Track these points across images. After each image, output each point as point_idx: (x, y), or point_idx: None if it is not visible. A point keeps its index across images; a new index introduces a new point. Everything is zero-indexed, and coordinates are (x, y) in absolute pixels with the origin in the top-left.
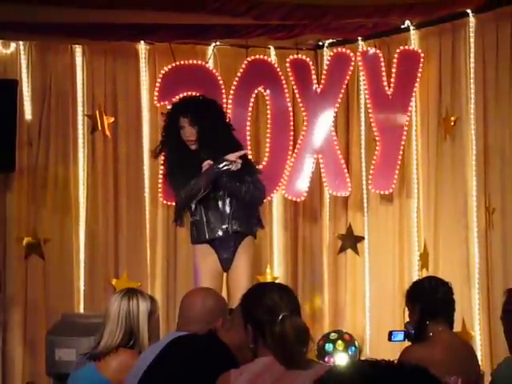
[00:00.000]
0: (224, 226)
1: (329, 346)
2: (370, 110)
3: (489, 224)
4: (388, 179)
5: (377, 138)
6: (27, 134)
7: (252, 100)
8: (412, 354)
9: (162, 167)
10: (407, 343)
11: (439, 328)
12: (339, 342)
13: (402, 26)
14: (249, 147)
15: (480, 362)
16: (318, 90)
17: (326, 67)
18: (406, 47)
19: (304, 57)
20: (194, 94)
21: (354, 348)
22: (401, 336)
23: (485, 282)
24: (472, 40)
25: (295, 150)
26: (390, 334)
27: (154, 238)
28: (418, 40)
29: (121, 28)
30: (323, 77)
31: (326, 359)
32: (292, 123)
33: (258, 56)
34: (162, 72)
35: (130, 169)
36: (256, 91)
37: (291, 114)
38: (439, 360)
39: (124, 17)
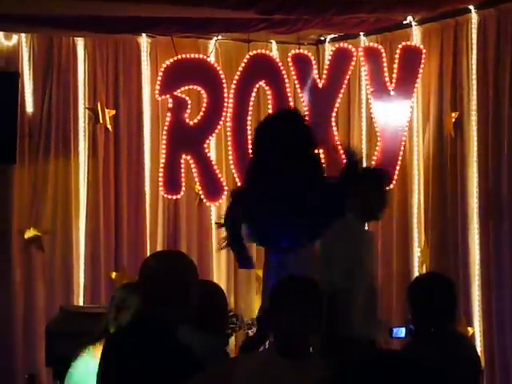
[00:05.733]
0: None
1: None
2: (371, 106)
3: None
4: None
5: (378, 134)
6: (28, 126)
7: (253, 94)
8: (413, 350)
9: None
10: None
11: (440, 325)
12: None
13: (404, 22)
14: (250, 141)
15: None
16: (320, 85)
17: (327, 62)
18: (408, 43)
19: (306, 51)
20: None
21: None
22: (402, 332)
23: (485, 278)
24: (474, 36)
25: None
26: (391, 330)
27: (155, 230)
28: (419, 36)
29: (123, 21)
30: (325, 72)
31: None
32: None
33: (259, 50)
34: (164, 65)
35: (131, 162)
36: (257, 85)
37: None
38: (438, 357)
39: (126, 10)
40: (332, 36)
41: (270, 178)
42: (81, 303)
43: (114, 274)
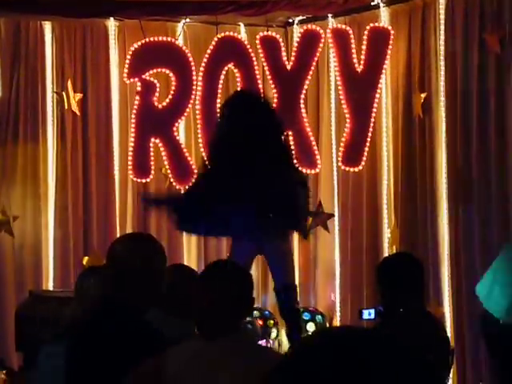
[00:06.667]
0: None
1: None
2: (339, 87)
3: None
4: (358, 156)
5: (347, 115)
6: None
7: (222, 77)
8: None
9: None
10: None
11: (409, 305)
12: (305, 312)
13: (372, 3)
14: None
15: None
16: (288, 67)
17: (296, 44)
18: (376, 24)
19: (274, 34)
20: None
21: (320, 316)
22: (372, 314)
23: (455, 258)
24: (442, 17)
25: None
26: (361, 312)
27: (124, 214)
28: (388, 17)
29: (90, 4)
30: (293, 54)
31: None
32: None
33: (227, 33)
34: (132, 49)
35: (100, 145)
36: (226, 68)
37: (261, 90)
38: (407, 337)
39: None
40: (300, 18)
41: (232, 164)
42: (50, 288)
43: (85, 259)
